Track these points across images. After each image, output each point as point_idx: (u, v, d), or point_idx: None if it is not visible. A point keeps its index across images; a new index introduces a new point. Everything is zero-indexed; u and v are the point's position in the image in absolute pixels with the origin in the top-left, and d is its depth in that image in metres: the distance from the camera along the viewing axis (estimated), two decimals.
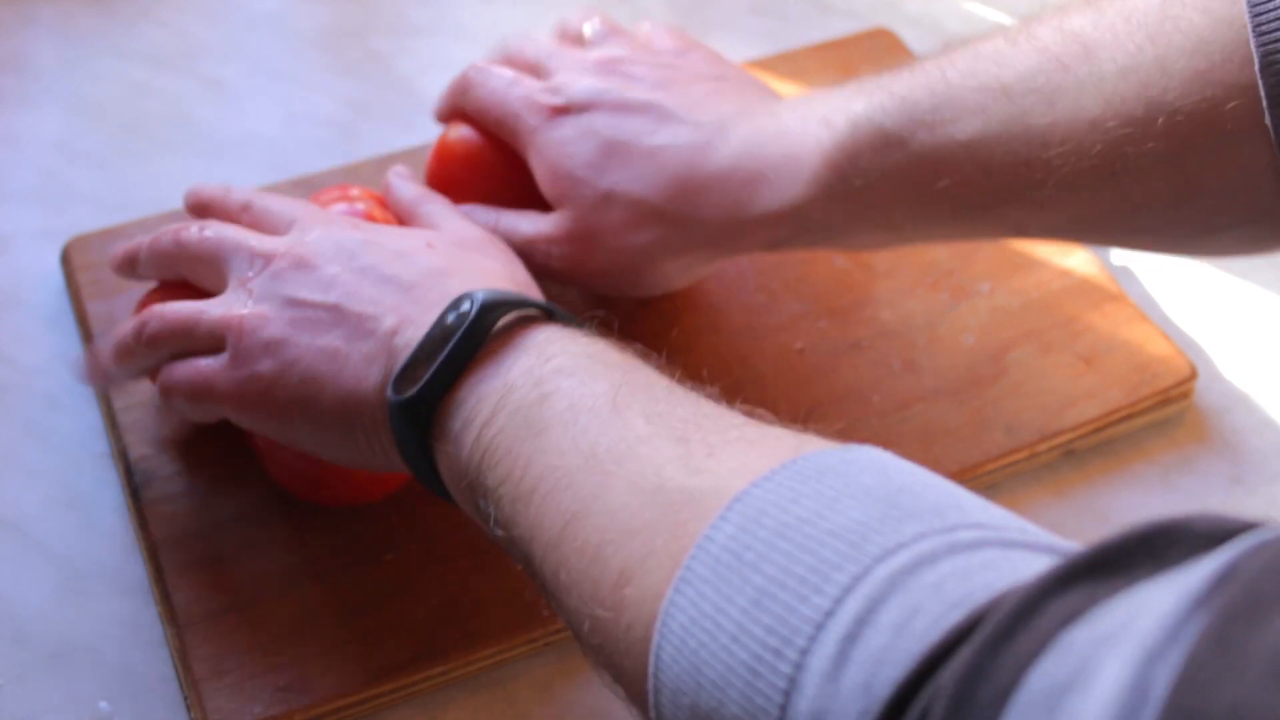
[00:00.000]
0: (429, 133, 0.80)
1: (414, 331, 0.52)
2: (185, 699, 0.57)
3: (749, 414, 0.47)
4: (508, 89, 0.63)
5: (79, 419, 0.66)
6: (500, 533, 0.48)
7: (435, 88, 0.83)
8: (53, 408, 0.67)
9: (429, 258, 0.55)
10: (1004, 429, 0.66)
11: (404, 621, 0.58)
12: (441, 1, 0.89)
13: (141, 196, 0.76)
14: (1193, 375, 0.68)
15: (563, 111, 0.61)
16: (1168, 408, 0.68)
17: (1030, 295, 0.71)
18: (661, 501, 0.42)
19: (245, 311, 0.55)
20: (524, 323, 0.51)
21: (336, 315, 0.53)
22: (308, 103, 0.82)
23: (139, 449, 0.63)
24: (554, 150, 0.61)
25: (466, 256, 0.56)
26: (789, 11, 0.90)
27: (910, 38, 0.86)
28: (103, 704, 0.57)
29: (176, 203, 0.74)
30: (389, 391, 0.51)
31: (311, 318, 0.53)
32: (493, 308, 0.51)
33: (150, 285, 0.63)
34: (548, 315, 0.53)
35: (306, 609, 0.58)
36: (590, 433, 0.45)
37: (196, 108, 0.82)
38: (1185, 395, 0.68)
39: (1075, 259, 0.72)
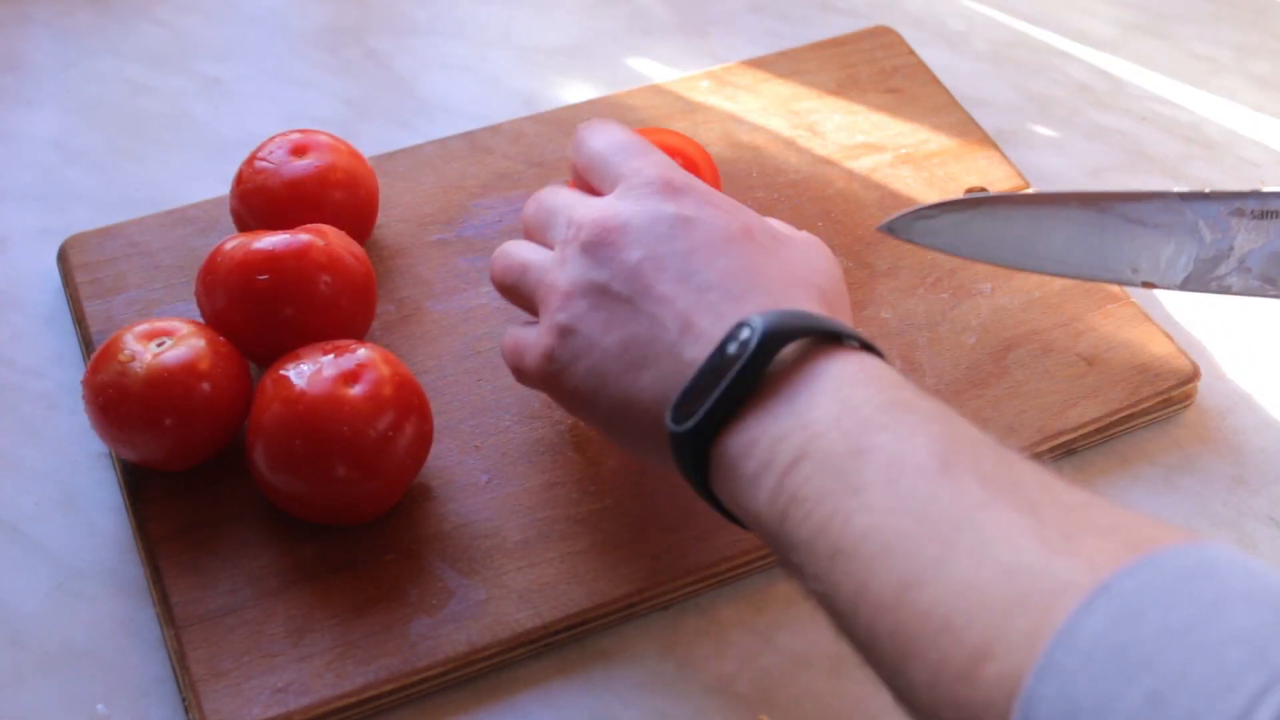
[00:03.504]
0: (427, 131, 0.80)
1: (696, 349, 0.50)
2: (183, 700, 0.57)
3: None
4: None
5: (76, 418, 0.66)
6: (815, 586, 0.46)
7: (434, 86, 0.83)
8: (50, 407, 0.67)
9: (738, 254, 0.53)
10: (1005, 429, 0.65)
11: (402, 622, 0.58)
12: (440, 0, 0.89)
13: (139, 196, 0.76)
14: (1195, 375, 0.68)
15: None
16: (1170, 408, 0.68)
17: (1031, 295, 0.71)
18: (1017, 579, 0.40)
19: (551, 282, 0.55)
20: (812, 350, 0.49)
21: (629, 311, 0.53)
22: (306, 101, 0.82)
23: None
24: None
25: (778, 255, 0.54)
26: (790, 10, 0.89)
27: (911, 36, 0.86)
28: (100, 706, 0.57)
29: (175, 201, 0.74)
30: (667, 417, 0.50)
31: (606, 307, 0.53)
32: (775, 337, 0.48)
33: None
34: (835, 338, 0.50)
35: (305, 610, 0.58)
36: (919, 494, 0.43)
37: (195, 106, 0.81)
38: (1188, 395, 0.68)
39: None
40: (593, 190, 0.60)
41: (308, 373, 0.58)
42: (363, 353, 0.60)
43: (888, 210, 0.75)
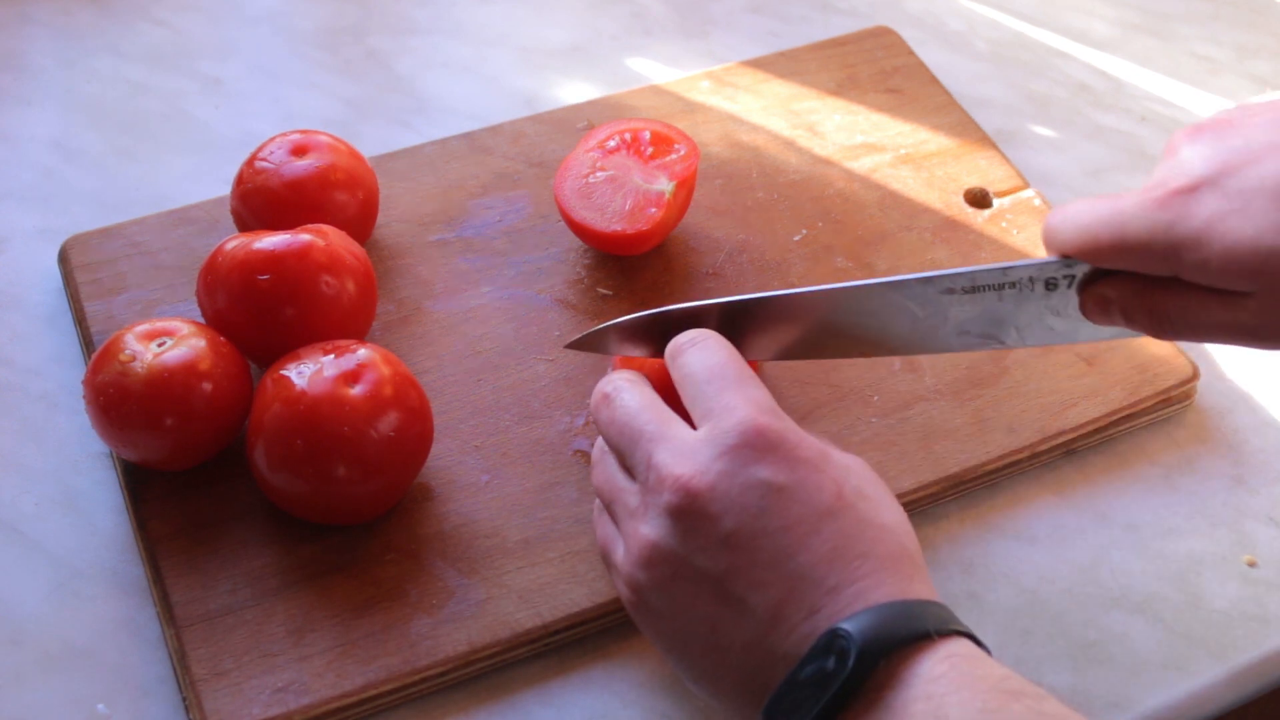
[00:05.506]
0: (427, 132, 0.80)
1: (788, 644, 0.49)
2: (184, 700, 0.57)
3: None
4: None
5: (76, 419, 0.66)
6: None
7: (434, 86, 0.83)
8: (50, 407, 0.67)
9: (831, 534, 0.51)
10: (1005, 429, 0.65)
11: (403, 622, 0.58)
12: (440, 0, 0.89)
13: (140, 196, 0.76)
14: (1195, 375, 0.68)
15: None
16: (1169, 408, 0.68)
17: None
18: None
19: (633, 530, 0.53)
20: (905, 647, 0.48)
21: (715, 593, 0.51)
22: (306, 102, 0.82)
23: None
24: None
25: (866, 521, 0.52)
26: (789, 10, 0.89)
27: (911, 36, 0.86)
28: (100, 706, 0.57)
29: (175, 202, 0.74)
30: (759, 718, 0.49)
31: (691, 580, 0.51)
32: (871, 652, 0.47)
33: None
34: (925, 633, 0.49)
35: (305, 610, 0.58)
36: None
37: (195, 107, 0.81)
38: (1187, 395, 0.68)
39: None
40: (675, 398, 0.57)
41: (308, 373, 0.58)
42: (363, 353, 0.60)
43: (887, 210, 0.75)
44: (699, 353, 0.57)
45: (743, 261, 0.72)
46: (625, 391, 0.57)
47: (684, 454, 0.52)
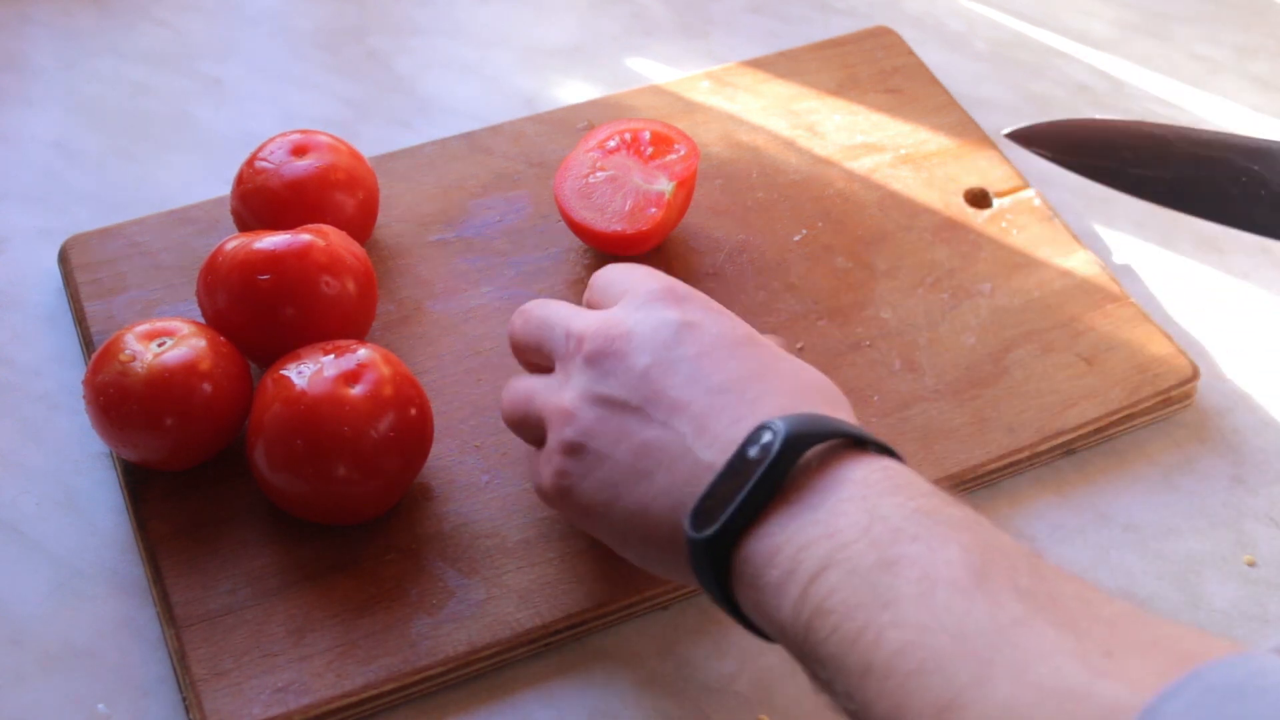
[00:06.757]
0: (427, 132, 0.80)
1: (712, 453, 0.49)
2: (184, 700, 0.57)
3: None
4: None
5: (77, 419, 0.66)
6: (846, 704, 0.44)
7: (434, 87, 0.83)
8: (50, 407, 0.67)
9: (747, 357, 0.52)
10: (1005, 429, 0.65)
11: (403, 622, 0.58)
12: (440, 0, 0.89)
13: (140, 196, 0.76)
14: (1194, 375, 0.68)
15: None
16: (1169, 408, 0.68)
17: (1031, 295, 0.71)
18: (1060, 702, 0.39)
19: (556, 402, 0.54)
20: (835, 454, 0.48)
21: (640, 420, 0.51)
22: (306, 102, 0.82)
23: None
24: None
25: (785, 359, 0.53)
26: (789, 10, 0.89)
27: (911, 36, 0.86)
28: (101, 706, 0.57)
29: (175, 202, 0.74)
30: (686, 524, 0.48)
31: (616, 418, 0.52)
32: (798, 440, 0.47)
33: None
34: (858, 443, 0.48)
35: (305, 610, 0.58)
36: (954, 610, 0.42)
37: (195, 107, 0.81)
38: (1187, 395, 0.68)
39: (1076, 259, 0.72)
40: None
41: (308, 373, 0.58)
42: (363, 353, 0.60)
43: (887, 210, 0.75)
44: (604, 273, 0.59)
45: (743, 261, 0.72)
46: (538, 303, 0.59)
47: (601, 318, 0.54)
